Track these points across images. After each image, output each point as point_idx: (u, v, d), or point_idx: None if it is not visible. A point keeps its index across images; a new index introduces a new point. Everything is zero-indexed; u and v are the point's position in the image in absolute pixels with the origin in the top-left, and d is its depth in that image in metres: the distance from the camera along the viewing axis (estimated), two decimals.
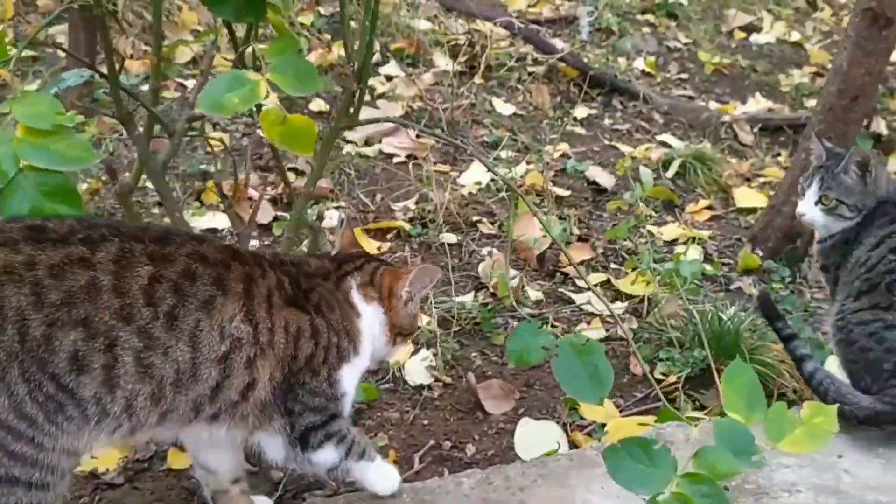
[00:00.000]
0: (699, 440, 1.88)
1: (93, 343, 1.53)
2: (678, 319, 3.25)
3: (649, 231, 4.22)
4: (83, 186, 3.72)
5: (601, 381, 2.04)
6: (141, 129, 2.34)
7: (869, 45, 3.54)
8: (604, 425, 2.73)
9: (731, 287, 3.84)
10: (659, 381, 3.03)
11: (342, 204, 4.08)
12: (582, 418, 2.83)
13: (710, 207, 4.49)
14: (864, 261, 2.47)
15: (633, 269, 3.54)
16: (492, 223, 4.04)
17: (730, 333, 3.06)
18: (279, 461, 1.92)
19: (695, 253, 4.03)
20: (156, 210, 3.75)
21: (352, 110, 2.30)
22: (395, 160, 4.58)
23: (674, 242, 4.14)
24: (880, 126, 5.61)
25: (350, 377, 1.93)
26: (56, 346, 1.51)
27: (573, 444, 2.68)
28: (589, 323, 3.41)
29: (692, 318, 3.15)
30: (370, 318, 1.99)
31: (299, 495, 2.33)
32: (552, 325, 3.35)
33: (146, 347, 1.58)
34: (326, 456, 1.91)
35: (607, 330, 3.38)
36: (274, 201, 3.98)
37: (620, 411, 2.88)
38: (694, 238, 4.16)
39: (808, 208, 2.73)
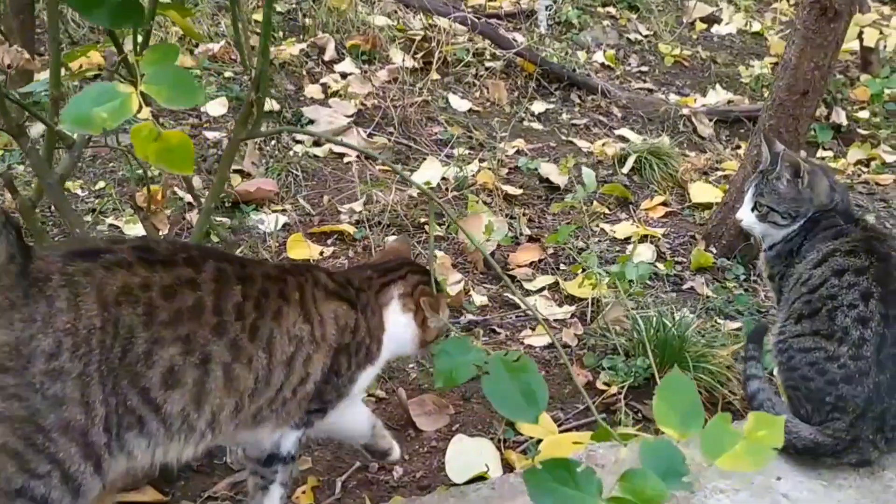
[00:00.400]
0: (631, 460, 1.76)
1: (189, 358, 1.61)
2: (623, 325, 3.13)
3: (602, 230, 4.11)
4: None
5: (535, 399, 1.90)
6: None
7: (818, 38, 3.43)
8: (539, 442, 2.61)
9: (684, 287, 3.73)
10: (601, 392, 2.92)
11: (286, 207, 3.94)
12: (520, 433, 2.71)
13: (665, 204, 4.38)
14: (806, 279, 2.36)
15: (582, 272, 3.42)
16: (439, 224, 3.91)
17: (675, 340, 2.95)
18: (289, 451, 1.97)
19: (647, 252, 3.92)
20: (88, 217, 3.60)
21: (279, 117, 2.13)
22: (346, 160, 4.44)
23: (627, 241, 4.03)
24: (840, 117, 5.52)
25: (363, 380, 2.02)
26: (154, 361, 1.58)
27: (506, 464, 2.56)
28: (534, 329, 3.29)
29: (636, 324, 3.03)
30: (403, 327, 2.08)
31: None
32: (495, 332, 3.23)
33: (234, 359, 1.67)
34: (290, 439, 1.94)
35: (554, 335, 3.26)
36: (214, 206, 3.81)
37: (560, 425, 2.76)
38: (647, 236, 4.04)
39: (745, 214, 2.64)
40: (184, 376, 1.60)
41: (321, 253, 3.62)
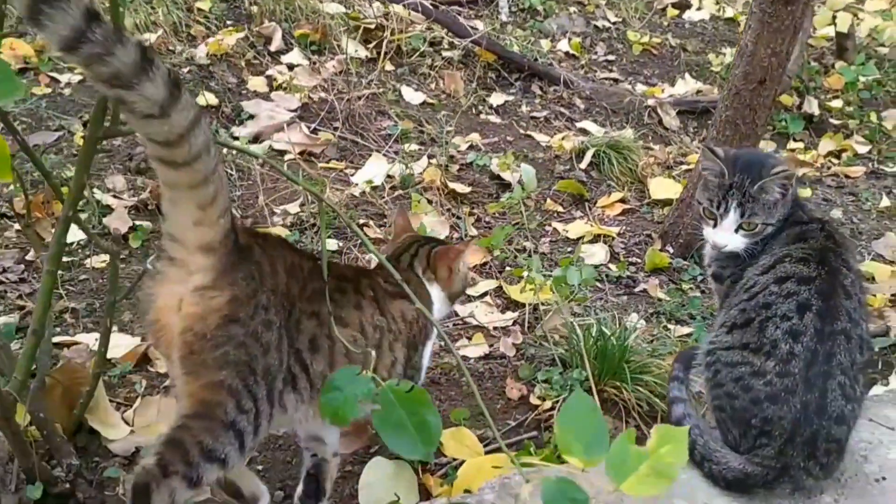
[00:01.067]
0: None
1: (322, 330, 1.86)
2: (562, 334, 2.89)
3: (555, 229, 3.86)
4: None
5: (429, 434, 1.69)
6: None
7: (774, 23, 3.18)
8: (459, 467, 2.37)
9: (636, 290, 3.48)
10: (535, 407, 2.67)
11: None
12: (444, 455, 2.46)
13: (623, 200, 4.12)
14: (751, 286, 2.10)
15: (525, 276, 3.16)
16: (380, 226, 3.65)
17: (615, 350, 2.70)
18: None
19: (600, 252, 3.67)
20: None
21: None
22: (287, 157, 4.18)
23: (580, 240, 3.78)
24: (812, 106, 5.27)
25: (428, 352, 2.27)
26: (302, 329, 1.83)
27: (424, 491, 2.32)
28: (471, 338, 3.04)
29: (574, 332, 2.79)
30: (435, 297, 2.31)
31: None
32: None
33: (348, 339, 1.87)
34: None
35: (491, 345, 3.01)
36: (136, 208, 3.56)
37: (487, 444, 2.52)
38: (601, 235, 3.79)
39: (729, 238, 2.22)
40: (321, 344, 1.84)
41: None
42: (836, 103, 5.42)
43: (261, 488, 2.17)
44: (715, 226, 2.23)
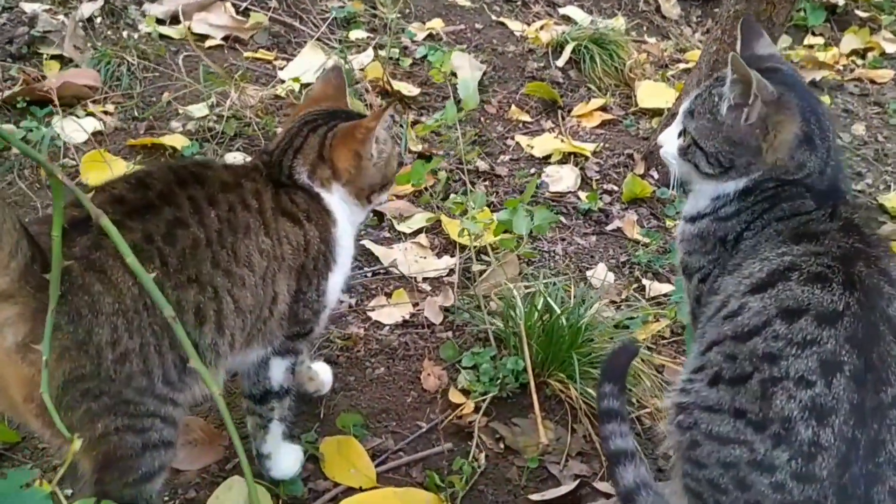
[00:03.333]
0: None
1: (205, 294, 1.48)
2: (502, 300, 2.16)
3: (518, 143, 3.07)
4: None
5: None
6: None
7: None
8: (337, 498, 1.70)
9: (608, 227, 2.73)
10: (455, 406, 1.98)
11: (108, 108, 2.89)
12: (324, 476, 1.79)
13: (604, 108, 3.31)
14: (735, 309, 1.34)
15: (463, 213, 2.41)
16: None
17: (563, 332, 1.98)
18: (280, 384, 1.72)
19: (568, 176, 2.90)
20: None
21: None
22: (209, 44, 3.35)
23: (547, 160, 3.00)
24: None
25: (334, 288, 1.71)
26: (183, 306, 1.45)
27: None
28: (390, 294, 2.31)
29: (511, 307, 2.06)
30: (338, 206, 1.70)
31: None
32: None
33: (233, 285, 1.51)
34: (279, 368, 1.70)
35: (416, 306, 2.29)
36: None
37: (384, 460, 1.84)
38: (572, 154, 3.01)
39: (669, 138, 1.63)
40: (207, 311, 1.49)
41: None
42: None
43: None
44: None
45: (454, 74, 3.23)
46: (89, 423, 1.39)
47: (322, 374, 1.95)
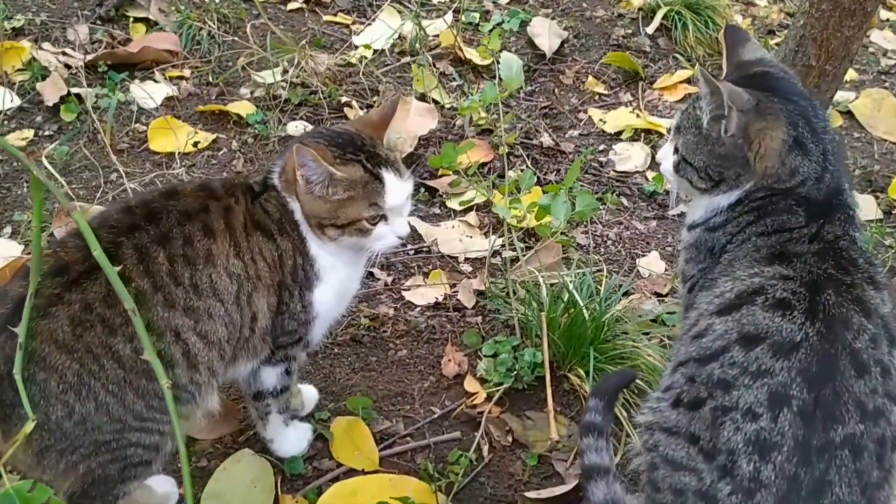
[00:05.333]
0: None
1: (165, 339, 1.49)
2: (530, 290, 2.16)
3: (590, 118, 3.02)
4: None
5: None
6: None
7: None
8: (338, 479, 1.78)
9: (670, 212, 2.67)
10: (470, 395, 2.01)
11: (185, 73, 3.04)
12: (330, 456, 1.88)
13: (689, 81, 3.19)
14: (703, 329, 1.30)
15: (511, 193, 2.40)
16: (365, 106, 2.93)
17: (585, 325, 1.97)
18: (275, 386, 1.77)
19: (638, 155, 2.84)
20: None
21: None
22: (290, 7, 3.45)
23: (619, 136, 2.94)
24: None
25: (323, 298, 1.69)
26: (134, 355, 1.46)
27: None
28: (427, 275, 2.36)
29: (533, 298, 2.06)
30: (302, 222, 1.66)
31: None
32: (372, 276, 2.33)
33: (197, 321, 1.53)
34: (271, 375, 1.75)
35: (453, 287, 2.33)
36: (86, 68, 2.94)
37: (392, 443, 1.90)
38: (646, 131, 2.94)
39: (666, 155, 1.62)
40: (173, 355, 1.50)
41: (195, 145, 2.75)
42: None
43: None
44: None
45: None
46: (71, 471, 1.47)
47: (306, 393, 1.95)
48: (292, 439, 1.84)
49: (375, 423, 1.93)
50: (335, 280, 1.69)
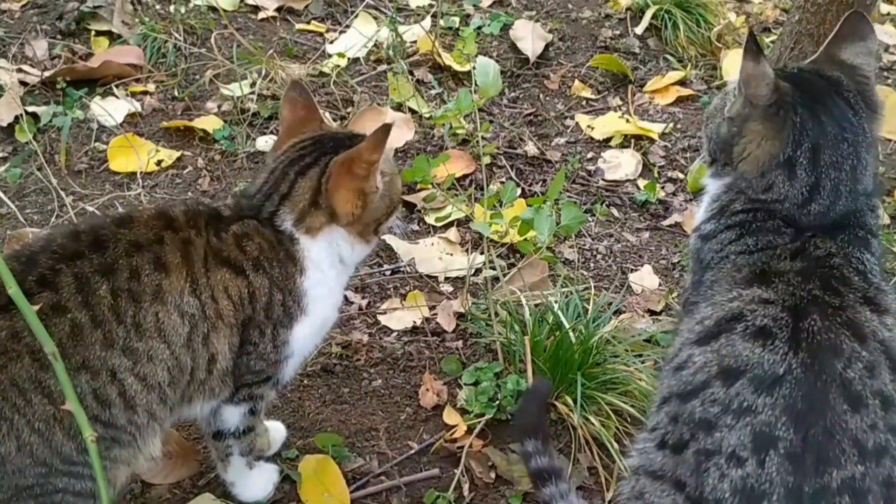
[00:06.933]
0: None
1: (100, 378, 1.42)
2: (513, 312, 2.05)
3: (577, 124, 2.91)
4: None
5: None
6: None
7: None
8: None
9: (666, 222, 2.56)
10: (451, 427, 1.90)
11: (149, 88, 2.93)
12: (299, 500, 1.76)
13: (681, 83, 3.09)
14: (683, 361, 1.19)
15: (492, 207, 2.29)
16: (338, 118, 2.82)
17: (572, 349, 1.86)
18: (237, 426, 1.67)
19: (629, 162, 2.74)
20: None
21: None
22: (261, 16, 3.34)
23: (608, 142, 2.83)
24: None
25: (301, 335, 1.61)
26: (81, 392, 1.39)
27: None
28: (405, 296, 2.24)
29: (514, 320, 1.95)
30: (322, 253, 1.58)
31: None
32: (346, 301, 2.21)
33: (135, 362, 1.45)
34: (234, 415, 1.65)
35: (432, 309, 2.21)
36: (44, 84, 2.84)
37: (366, 483, 1.79)
38: (636, 137, 2.83)
39: None
40: (108, 395, 1.44)
41: (159, 163, 2.63)
42: None
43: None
44: None
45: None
46: None
47: (273, 432, 1.85)
48: (256, 483, 1.73)
49: (347, 462, 1.82)
50: (320, 311, 1.62)
